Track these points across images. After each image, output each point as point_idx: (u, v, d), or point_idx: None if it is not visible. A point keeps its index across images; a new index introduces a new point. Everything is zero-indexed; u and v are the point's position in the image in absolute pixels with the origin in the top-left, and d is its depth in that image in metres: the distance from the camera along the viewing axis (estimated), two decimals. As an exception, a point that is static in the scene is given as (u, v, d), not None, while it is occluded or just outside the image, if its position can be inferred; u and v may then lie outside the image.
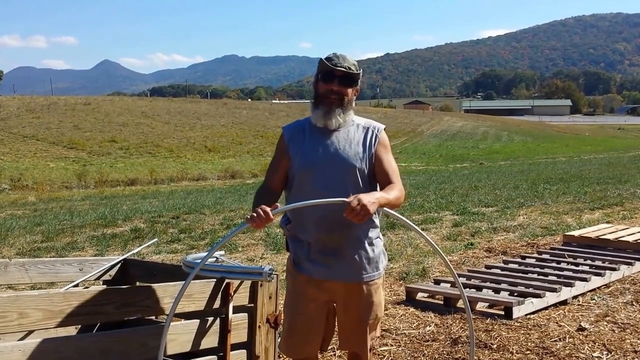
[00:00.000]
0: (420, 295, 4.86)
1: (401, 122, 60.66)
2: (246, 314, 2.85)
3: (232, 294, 2.76)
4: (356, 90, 2.54)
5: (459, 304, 4.59)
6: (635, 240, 6.30)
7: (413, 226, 2.37)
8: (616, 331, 4.02)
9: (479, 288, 4.93)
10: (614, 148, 42.95)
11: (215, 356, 2.76)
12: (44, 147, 34.05)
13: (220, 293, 2.75)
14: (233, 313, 2.77)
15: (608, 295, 4.95)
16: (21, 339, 2.65)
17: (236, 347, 2.82)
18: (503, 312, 4.36)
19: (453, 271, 2.46)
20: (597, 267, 5.47)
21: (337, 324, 2.61)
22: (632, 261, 5.72)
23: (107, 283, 3.34)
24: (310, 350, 2.61)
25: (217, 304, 2.75)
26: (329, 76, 2.46)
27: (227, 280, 2.75)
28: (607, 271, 5.30)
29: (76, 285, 3.15)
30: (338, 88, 2.46)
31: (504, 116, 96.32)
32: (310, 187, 2.46)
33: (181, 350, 2.65)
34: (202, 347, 2.71)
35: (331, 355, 3.68)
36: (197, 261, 2.79)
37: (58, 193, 19.81)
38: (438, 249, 2.41)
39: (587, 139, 57.57)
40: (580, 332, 3.99)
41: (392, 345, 3.88)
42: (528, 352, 3.68)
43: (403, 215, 2.56)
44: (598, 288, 5.11)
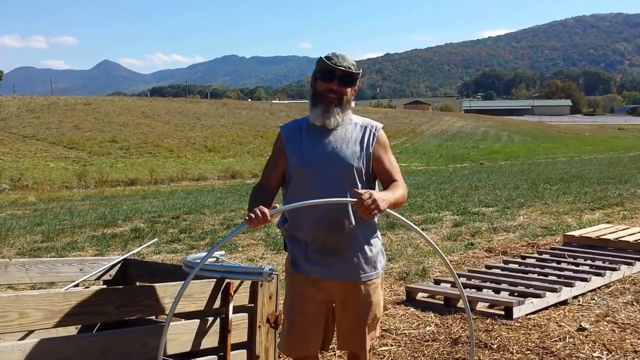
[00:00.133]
0: (420, 295, 4.86)
1: (401, 122, 60.67)
2: (246, 314, 2.85)
3: (232, 294, 2.76)
4: (355, 90, 2.54)
5: (459, 304, 4.59)
6: (635, 240, 6.30)
7: (413, 226, 2.37)
8: (616, 331, 4.02)
9: (479, 288, 4.93)
10: (614, 148, 42.96)
11: (215, 356, 2.76)
12: (44, 147, 34.07)
13: (220, 293, 2.75)
14: (233, 313, 2.77)
15: (608, 295, 4.95)
16: (21, 339, 2.65)
17: (236, 347, 2.82)
18: (503, 312, 4.36)
19: (453, 271, 2.46)
20: (598, 267, 5.46)
21: (336, 324, 2.60)
22: (633, 261, 5.71)
23: (108, 283, 3.34)
24: (309, 349, 2.61)
25: (218, 304, 2.75)
26: (329, 75, 2.45)
27: (227, 280, 2.75)
28: (608, 271, 5.30)
29: (76, 285, 3.15)
30: (337, 87, 2.46)
31: (504, 116, 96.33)
32: (307, 186, 2.46)
33: (181, 350, 2.65)
34: (203, 347, 2.72)
35: (331, 355, 3.68)
36: (197, 261, 2.80)
37: (58, 193, 19.81)
38: (438, 249, 2.41)
39: (588, 139, 57.58)
40: (580, 332, 3.99)
41: (392, 345, 3.88)
42: (528, 352, 3.68)
43: (403, 215, 2.56)
44: (598, 288, 5.11)
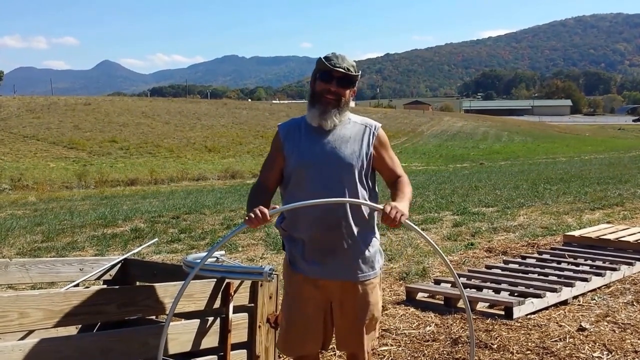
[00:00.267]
0: (420, 295, 4.86)
1: (401, 122, 60.70)
2: (246, 314, 2.85)
3: (233, 294, 2.76)
4: (353, 91, 2.53)
5: (460, 304, 4.59)
6: (635, 240, 6.29)
7: (413, 226, 2.37)
8: (616, 331, 4.02)
9: (480, 288, 4.93)
10: (615, 148, 42.95)
11: (215, 356, 2.76)
12: (44, 147, 34.09)
13: (220, 293, 2.75)
14: (233, 313, 2.77)
15: (608, 295, 4.95)
16: (21, 339, 2.65)
17: (236, 347, 2.82)
18: (503, 312, 4.36)
19: (453, 271, 2.46)
20: (598, 267, 5.46)
21: (334, 324, 2.60)
22: (633, 261, 5.71)
23: (108, 283, 3.34)
24: (309, 349, 2.60)
25: (218, 304, 2.75)
26: (327, 76, 2.45)
27: (228, 280, 2.75)
28: (608, 271, 5.30)
29: (77, 285, 3.15)
30: (336, 89, 2.45)
31: (504, 116, 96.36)
32: (307, 186, 2.46)
33: (181, 350, 2.65)
34: (203, 347, 2.72)
35: (331, 355, 3.68)
36: (197, 261, 2.80)
37: (58, 193, 19.82)
38: (438, 249, 2.41)
39: (588, 139, 57.58)
40: (580, 332, 3.99)
41: (392, 345, 3.87)
42: (528, 352, 3.67)
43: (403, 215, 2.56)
44: (598, 288, 5.11)
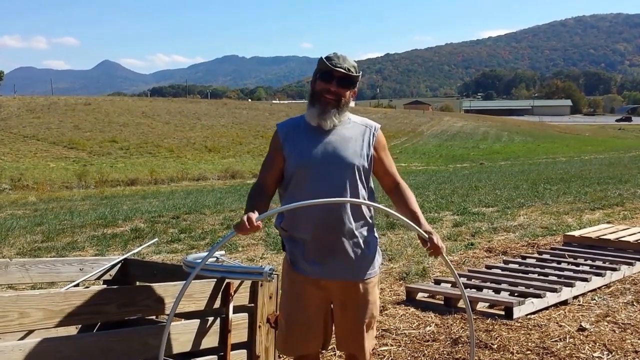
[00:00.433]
0: (420, 295, 4.86)
1: (401, 122, 60.72)
2: (246, 314, 2.85)
3: (233, 294, 2.76)
4: (354, 92, 2.53)
5: (460, 304, 4.59)
6: (635, 240, 6.29)
7: (414, 226, 2.38)
8: (617, 331, 4.02)
9: (480, 288, 4.92)
10: (615, 148, 42.95)
11: (215, 356, 2.76)
12: (44, 147, 34.09)
13: (220, 293, 2.75)
14: (233, 313, 2.77)
15: (608, 295, 4.95)
16: (21, 339, 2.65)
17: (236, 347, 2.82)
18: (503, 312, 4.36)
19: (454, 271, 2.47)
20: (598, 267, 5.46)
21: (335, 325, 2.60)
22: (633, 261, 5.71)
23: (108, 283, 3.34)
24: (309, 348, 2.60)
25: (218, 304, 2.75)
26: (328, 76, 2.45)
27: (228, 280, 2.74)
28: (608, 271, 5.30)
29: (77, 285, 3.15)
30: (336, 89, 2.45)
31: (504, 116, 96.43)
32: (308, 187, 2.45)
33: (181, 350, 2.65)
34: (203, 347, 2.71)
35: (331, 355, 3.68)
36: (198, 261, 2.80)
37: (58, 193, 19.82)
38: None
39: (588, 139, 57.59)
40: (580, 332, 3.99)
41: (392, 345, 3.87)
42: (528, 352, 3.67)
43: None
44: (598, 288, 5.11)
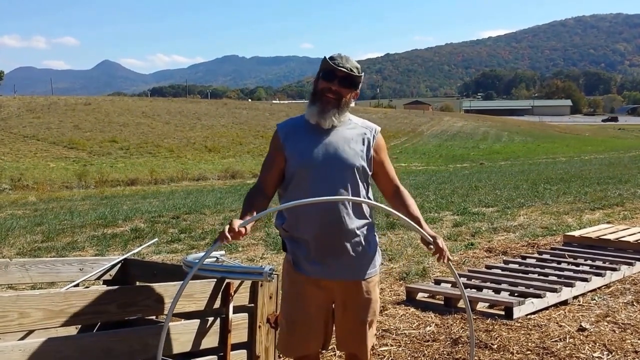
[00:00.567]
0: (420, 295, 4.86)
1: (401, 122, 60.72)
2: (246, 314, 2.85)
3: (233, 294, 2.76)
4: (356, 93, 2.54)
5: (460, 304, 4.59)
6: (635, 240, 6.29)
7: (418, 229, 2.40)
8: (617, 331, 4.02)
9: (480, 288, 4.92)
10: (615, 148, 42.95)
11: (215, 356, 2.76)
12: (44, 147, 34.09)
13: (220, 293, 2.75)
14: (233, 313, 2.77)
15: (608, 295, 4.95)
16: (21, 339, 2.65)
17: (236, 347, 2.82)
18: (503, 312, 4.35)
19: (454, 271, 2.47)
20: (598, 267, 5.46)
21: (335, 325, 2.60)
22: (633, 261, 5.70)
23: (108, 283, 3.34)
24: (310, 348, 2.61)
25: (218, 304, 2.75)
26: (330, 75, 2.46)
27: (228, 280, 2.74)
28: (608, 271, 5.29)
29: (77, 285, 3.15)
30: (337, 88, 2.46)
31: (504, 116, 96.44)
32: (309, 187, 2.46)
33: (181, 350, 2.65)
34: (203, 347, 2.71)
35: (331, 355, 3.68)
36: (197, 261, 2.80)
37: (58, 193, 19.82)
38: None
39: (588, 139, 57.59)
40: (580, 333, 3.99)
41: (392, 345, 3.87)
42: (528, 353, 3.67)
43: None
44: (598, 288, 5.10)
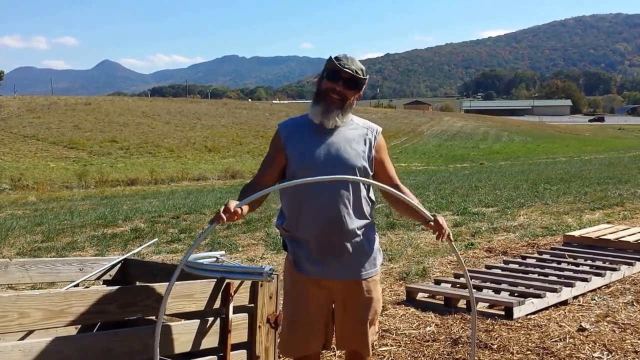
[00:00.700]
0: (420, 295, 4.86)
1: (401, 122, 60.74)
2: (246, 314, 2.85)
3: (233, 294, 2.76)
4: (359, 94, 2.56)
5: (460, 304, 4.59)
6: (635, 240, 6.29)
7: (418, 207, 2.46)
8: (617, 331, 4.02)
9: (480, 288, 4.92)
10: (615, 148, 42.95)
11: (215, 356, 2.76)
12: (45, 147, 34.10)
13: (220, 293, 2.74)
14: (233, 313, 2.77)
15: (608, 295, 4.95)
16: (21, 339, 2.65)
17: (236, 347, 2.81)
18: (503, 312, 4.36)
19: (456, 250, 2.56)
20: (598, 268, 5.46)
21: (336, 323, 2.61)
22: (633, 261, 5.71)
23: (108, 283, 3.33)
24: (311, 348, 2.61)
25: (218, 304, 2.75)
26: (335, 76, 2.46)
27: (228, 280, 2.74)
28: (608, 271, 5.30)
29: (76, 285, 3.15)
30: (341, 89, 2.47)
31: (504, 116, 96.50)
32: (312, 187, 2.46)
33: (181, 350, 2.65)
34: (203, 347, 2.71)
35: (331, 355, 3.68)
36: (198, 261, 2.80)
37: (58, 193, 19.82)
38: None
39: (588, 139, 57.60)
40: (580, 333, 3.99)
41: (392, 345, 3.87)
42: (528, 353, 3.67)
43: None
44: (598, 288, 5.11)
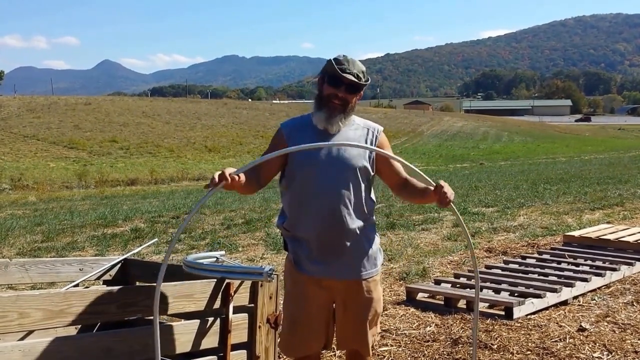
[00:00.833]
0: (420, 295, 4.86)
1: (401, 122, 60.75)
2: (246, 314, 2.85)
3: (233, 294, 2.76)
4: (360, 95, 2.56)
5: (460, 304, 4.60)
6: (635, 240, 6.29)
7: (424, 176, 2.39)
8: (617, 331, 4.02)
9: (480, 288, 4.92)
10: (615, 148, 42.96)
11: (215, 356, 2.76)
12: (45, 147, 34.11)
13: (220, 293, 2.74)
14: (233, 313, 2.77)
15: (608, 295, 4.95)
16: (21, 339, 2.65)
17: (236, 348, 2.81)
18: (503, 313, 4.36)
19: (459, 216, 2.50)
20: (598, 268, 5.46)
21: (336, 323, 2.61)
22: (633, 261, 5.71)
23: (108, 283, 3.33)
24: (312, 348, 2.62)
25: (218, 304, 2.75)
26: (337, 81, 2.44)
27: (228, 280, 2.74)
28: (608, 271, 5.30)
29: (76, 285, 3.15)
30: (343, 95, 2.46)
31: (505, 116, 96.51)
32: (312, 187, 2.47)
33: (181, 350, 2.65)
34: (203, 348, 2.71)
35: (331, 355, 3.68)
36: (197, 261, 2.80)
37: (58, 193, 19.82)
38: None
39: (588, 139, 57.61)
40: (580, 333, 3.99)
41: (392, 345, 3.87)
42: (528, 353, 3.67)
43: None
44: (598, 288, 5.11)
